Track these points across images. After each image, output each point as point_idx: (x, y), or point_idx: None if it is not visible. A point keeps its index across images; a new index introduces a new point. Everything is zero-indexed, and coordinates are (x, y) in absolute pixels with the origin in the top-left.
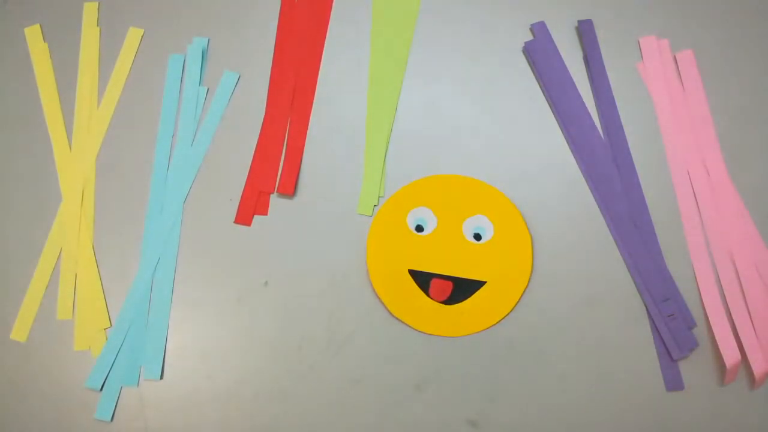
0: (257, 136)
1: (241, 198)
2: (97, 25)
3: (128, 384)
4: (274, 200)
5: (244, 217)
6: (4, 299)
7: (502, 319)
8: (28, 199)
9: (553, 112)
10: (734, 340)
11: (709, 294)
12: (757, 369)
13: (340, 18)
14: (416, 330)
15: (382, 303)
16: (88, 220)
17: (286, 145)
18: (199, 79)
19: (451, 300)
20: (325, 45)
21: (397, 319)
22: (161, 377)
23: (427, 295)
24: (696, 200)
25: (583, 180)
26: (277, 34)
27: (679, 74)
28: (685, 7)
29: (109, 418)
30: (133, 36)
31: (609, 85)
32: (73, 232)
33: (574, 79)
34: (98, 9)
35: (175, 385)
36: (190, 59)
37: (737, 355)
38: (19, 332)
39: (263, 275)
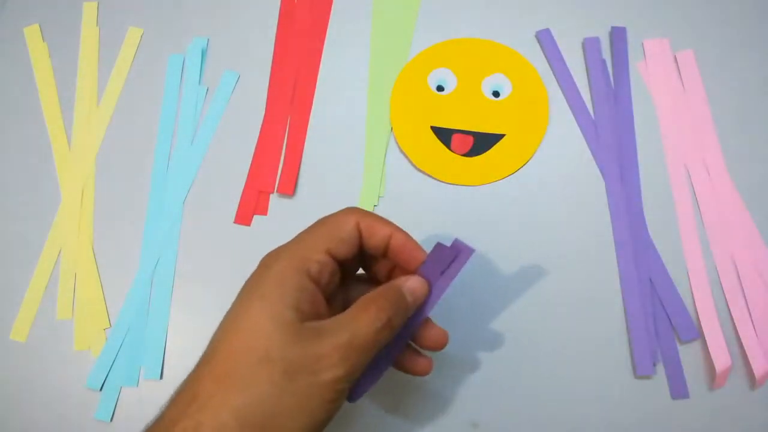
0: (257, 136)
1: (241, 198)
2: (97, 25)
3: (128, 384)
4: (274, 200)
5: (243, 217)
6: (3, 299)
7: (522, 167)
8: (27, 198)
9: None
10: (725, 345)
11: (702, 298)
12: (757, 369)
13: (340, 17)
14: (440, 181)
15: (407, 157)
16: (88, 220)
17: (286, 144)
18: (198, 79)
19: (472, 152)
20: (325, 44)
21: (422, 171)
22: (161, 377)
23: (449, 149)
24: (696, 200)
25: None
26: (276, 33)
27: (680, 74)
28: (685, 7)
29: (109, 419)
30: (133, 35)
31: (630, 97)
32: (73, 231)
33: (573, 79)
34: (98, 8)
35: (175, 385)
36: (190, 59)
37: (728, 361)
38: (18, 332)
39: None
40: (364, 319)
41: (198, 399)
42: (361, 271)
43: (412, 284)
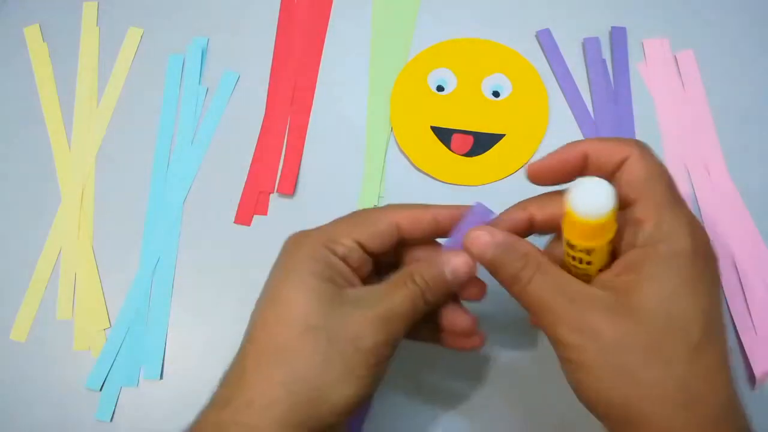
0: (257, 136)
1: (241, 198)
2: (97, 25)
3: (128, 384)
4: (274, 200)
5: (243, 217)
6: (3, 299)
7: (522, 167)
8: (27, 198)
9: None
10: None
11: None
12: (758, 369)
13: (340, 17)
14: (440, 181)
15: (407, 157)
16: (88, 220)
17: (286, 144)
18: (198, 79)
19: (472, 152)
20: (325, 44)
21: (421, 171)
22: (161, 377)
23: (449, 149)
24: (696, 200)
25: None
26: (276, 33)
27: (680, 74)
28: (685, 7)
29: (109, 419)
30: (133, 35)
31: (630, 97)
32: (73, 231)
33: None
34: (98, 8)
35: (175, 386)
36: (190, 59)
37: None
38: (18, 332)
39: (263, 275)
40: (399, 294)
41: (246, 376)
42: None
43: (454, 259)
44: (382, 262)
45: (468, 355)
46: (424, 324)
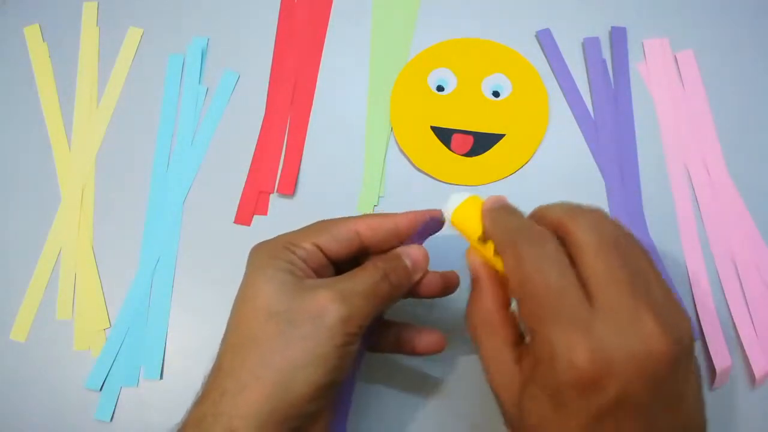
0: (257, 136)
1: (241, 198)
2: (97, 25)
3: (128, 384)
4: (274, 200)
5: (243, 217)
6: (3, 299)
7: (522, 167)
8: (27, 198)
9: (574, 115)
10: (725, 345)
11: (703, 298)
12: (757, 369)
13: (340, 17)
14: (440, 181)
15: (407, 157)
16: (88, 220)
17: (286, 144)
18: (198, 79)
19: (472, 152)
20: (325, 44)
21: (422, 171)
22: (161, 377)
23: (449, 149)
24: (696, 200)
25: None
26: (276, 33)
27: (680, 74)
28: (685, 7)
29: (109, 419)
30: (133, 35)
31: (630, 97)
32: (73, 232)
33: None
34: (98, 8)
35: (175, 385)
36: (190, 59)
37: (728, 361)
38: (18, 332)
39: None
40: (361, 274)
41: (222, 369)
42: None
43: (411, 250)
44: (346, 269)
45: (453, 351)
46: (385, 335)
